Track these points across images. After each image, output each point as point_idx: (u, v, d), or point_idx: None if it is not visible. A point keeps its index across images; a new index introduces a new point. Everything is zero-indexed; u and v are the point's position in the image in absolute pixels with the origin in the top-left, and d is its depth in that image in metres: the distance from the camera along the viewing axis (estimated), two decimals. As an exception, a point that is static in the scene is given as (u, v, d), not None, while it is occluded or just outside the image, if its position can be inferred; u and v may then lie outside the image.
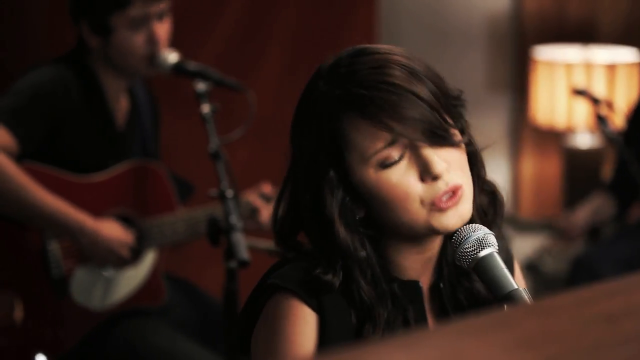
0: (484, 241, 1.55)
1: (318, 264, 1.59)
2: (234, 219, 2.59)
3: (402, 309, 1.61)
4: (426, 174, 1.55)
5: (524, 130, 4.93)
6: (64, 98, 2.93)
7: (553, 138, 4.83)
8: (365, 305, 1.58)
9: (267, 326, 1.60)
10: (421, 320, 1.64)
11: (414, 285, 1.64)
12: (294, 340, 1.56)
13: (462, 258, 1.56)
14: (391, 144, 1.55)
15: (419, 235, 1.60)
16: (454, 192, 1.56)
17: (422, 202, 1.56)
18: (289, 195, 1.65)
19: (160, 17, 2.99)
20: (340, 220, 1.58)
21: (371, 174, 1.56)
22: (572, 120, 4.55)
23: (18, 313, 2.94)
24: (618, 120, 3.98)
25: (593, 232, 4.42)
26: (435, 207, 1.55)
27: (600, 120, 3.70)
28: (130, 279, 3.07)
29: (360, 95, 1.55)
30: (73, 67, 2.98)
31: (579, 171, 4.62)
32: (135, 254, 3.02)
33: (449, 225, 1.56)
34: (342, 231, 1.57)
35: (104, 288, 3.03)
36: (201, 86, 2.85)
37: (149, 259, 3.10)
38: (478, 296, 1.67)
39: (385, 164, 1.55)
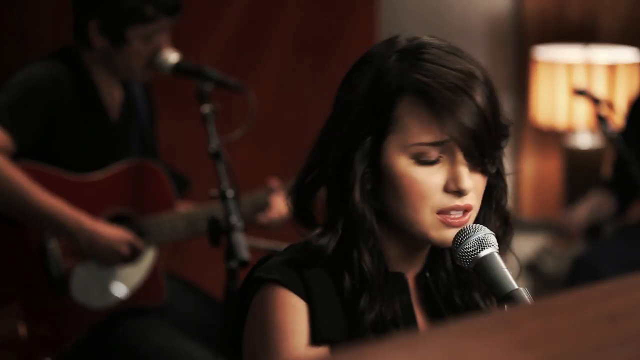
0: (485, 241, 1.55)
1: (310, 244, 1.60)
2: (235, 219, 2.59)
3: (388, 299, 1.62)
4: (453, 184, 1.56)
5: (524, 130, 4.93)
6: (56, 93, 2.92)
7: (553, 138, 4.83)
8: (363, 274, 1.58)
9: (257, 320, 1.59)
10: (408, 310, 1.65)
11: (400, 277, 1.65)
12: (286, 330, 1.56)
13: (462, 258, 1.56)
14: (437, 144, 1.56)
15: (414, 237, 1.61)
16: (464, 212, 1.58)
17: (432, 207, 1.57)
18: (319, 149, 1.64)
19: (169, 29, 3.00)
20: (359, 186, 1.58)
21: (403, 162, 1.57)
22: (573, 120, 4.55)
23: (24, 329, 2.94)
24: (618, 120, 3.98)
25: (593, 232, 4.42)
26: (442, 218, 1.57)
27: (601, 120, 3.70)
28: (131, 277, 3.07)
29: (435, 89, 1.55)
30: (66, 62, 2.97)
31: (579, 171, 4.62)
32: (134, 253, 3.02)
33: (446, 240, 1.58)
34: (357, 196, 1.58)
35: (105, 285, 3.03)
36: (202, 86, 2.85)
37: (148, 258, 3.10)
38: (464, 291, 1.68)
39: (421, 160, 1.57)
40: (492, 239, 1.56)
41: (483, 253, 1.55)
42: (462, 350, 0.90)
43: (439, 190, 1.57)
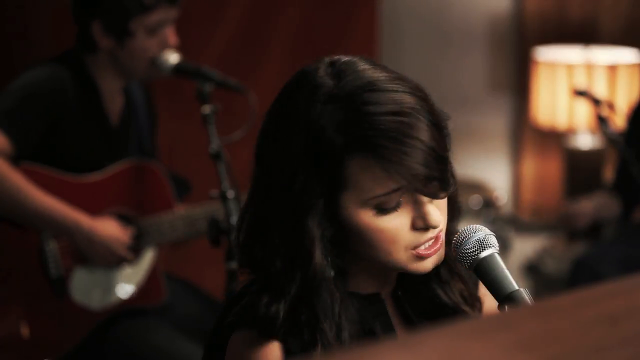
0: (485, 242, 1.55)
1: (265, 294, 1.54)
2: (235, 220, 2.59)
3: (367, 324, 1.59)
4: (421, 223, 1.53)
5: (524, 131, 4.93)
6: (59, 98, 2.93)
7: (554, 139, 4.83)
8: (324, 329, 1.53)
9: None
10: (388, 330, 1.63)
11: (376, 297, 1.63)
12: None
13: (462, 259, 1.56)
14: (393, 192, 1.51)
15: (391, 269, 1.59)
16: (436, 239, 1.56)
17: (405, 248, 1.55)
18: (256, 206, 1.58)
19: (173, 21, 3.00)
20: (319, 246, 1.52)
21: (364, 215, 1.52)
22: (573, 121, 4.55)
23: (25, 330, 2.94)
24: (619, 121, 3.98)
25: (594, 232, 4.41)
26: (416, 252, 1.55)
27: (601, 121, 3.69)
28: (130, 278, 3.07)
29: (382, 146, 1.48)
30: (68, 66, 2.98)
31: (579, 172, 4.62)
32: (133, 254, 3.02)
33: (426, 270, 1.57)
34: (318, 256, 1.52)
35: (104, 286, 3.03)
36: (202, 87, 2.85)
37: (147, 258, 3.10)
38: (443, 302, 1.67)
39: (382, 209, 1.52)
40: (493, 239, 1.56)
41: (483, 254, 1.55)
42: (462, 351, 0.90)
43: (408, 231, 1.54)
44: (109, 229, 2.95)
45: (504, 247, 4.36)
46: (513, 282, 1.53)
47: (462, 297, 1.69)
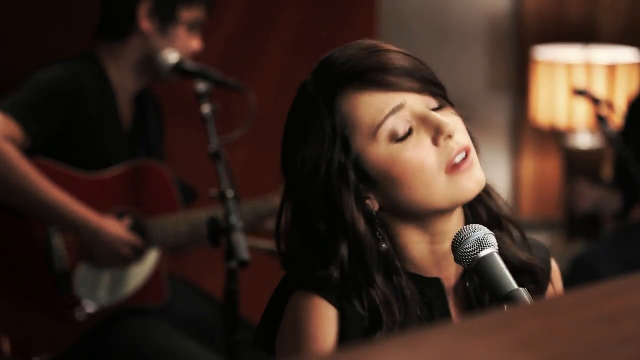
0: (484, 241, 1.55)
1: (322, 262, 1.58)
2: (234, 219, 2.59)
3: (426, 307, 1.61)
4: (438, 134, 1.55)
5: (524, 130, 4.93)
6: (78, 96, 2.94)
7: (553, 138, 4.83)
8: (375, 303, 1.57)
9: (290, 325, 1.60)
10: (444, 316, 1.63)
11: (436, 282, 1.63)
12: (316, 338, 1.56)
13: (462, 258, 1.56)
14: (394, 111, 1.54)
15: (438, 211, 1.58)
16: (466, 154, 1.57)
17: (438, 169, 1.55)
18: (290, 211, 1.62)
19: (202, 26, 3.05)
20: (359, 213, 1.56)
21: (382, 150, 1.55)
22: (573, 120, 4.55)
23: (23, 325, 2.94)
24: (618, 120, 3.98)
25: (593, 230, 4.42)
26: (451, 172, 1.55)
27: (601, 120, 3.70)
28: (133, 277, 3.07)
29: (353, 68, 1.55)
30: (87, 65, 3.00)
31: (579, 171, 4.62)
32: (137, 254, 3.02)
33: (468, 190, 1.57)
34: (359, 220, 1.56)
35: (107, 284, 3.03)
36: (201, 86, 2.85)
37: (151, 258, 3.10)
38: (515, 267, 1.66)
39: (397, 139, 1.55)
40: (492, 238, 1.56)
41: (482, 253, 1.55)
42: (462, 350, 0.90)
43: (431, 150, 1.55)
44: (115, 228, 2.95)
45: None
46: (512, 281, 1.53)
47: (532, 282, 1.68)
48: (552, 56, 4.61)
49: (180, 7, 3.01)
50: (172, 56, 3.00)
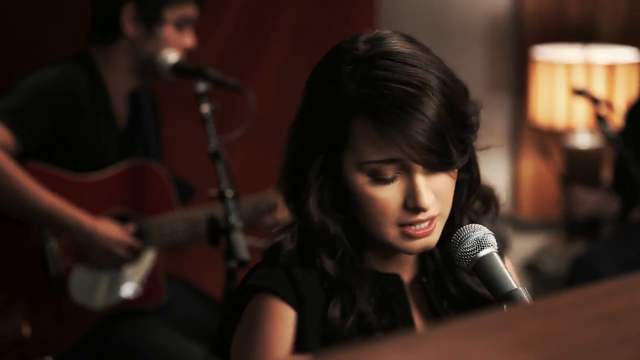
0: (484, 241, 1.55)
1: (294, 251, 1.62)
2: (234, 219, 2.59)
3: (385, 301, 1.63)
4: (411, 202, 1.56)
5: (523, 130, 4.93)
6: (70, 99, 2.93)
7: (553, 138, 4.83)
8: (332, 280, 1.60)
9: (245, 328, 1.60)
10: (405, 313, 1.65)
11: (395, 277, 1.66)
12: (272, 343, 1.57)
13: (461, 258, 1.56)
14: (389, 161, 1.54)
15: (386, 245, 1.61)
16: (429, 223, 1.58)
17: (395, 224, 1.57)
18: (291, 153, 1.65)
19: (193, 22, 3.03)
20: (315, 198, 1.59)
21: (360, 180, 1.57)
22: (572, 120, 4.55)
23: (25, 329, 2.94)
24: (617, 120, 3.98)
25: (593, 230, 4.42)
26: (405, 230, 1.57)
27: (600, 120, 3.70)
28: (129, 279, 3.07)
29: (382, 108, 1.52)
30: (79, 67, 2.98)
31: (578, 171, 4.62)
32: (133, 255, 3.02)
33: (413, 250, 1.59)
34: (312, 207, 1.59)
35: (103, 287, 3.02)
36: (201, 86, 2.85)
37: (148, 259, 3.10)
38: (466, 287, 1.69)
39: (377, 179, 1.56)
40: (491, 238, 1.56)
41: (482, 253, 1.55)
42: (461, 350, 0.90)
43: (398, 208, 1.56)
44: (110, 229, 2.95)
45: (503, 247, 4.35)
46: (512, 281, 1.53)
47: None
48: (552, 56, 4.61)
49: (164, 8, 2.99)
50: (171, 56, 3.00)
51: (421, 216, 1.56)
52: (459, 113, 1.57)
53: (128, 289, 3.07)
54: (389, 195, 1.56)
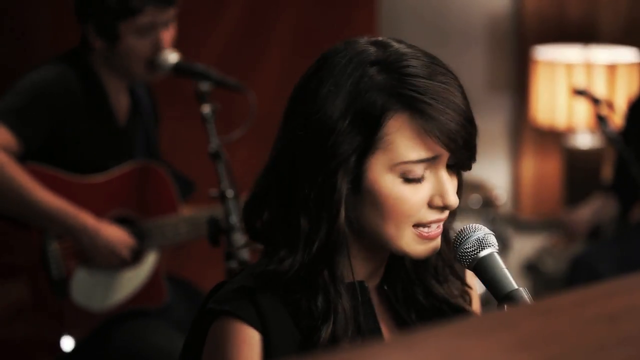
0: (484, 241, 1.55)
1: (272, 258, 1.57)
2: (234, 219, 2.59)
3: (351, 309, 1.59)
4: (439, 200, 1.55)
5: (524, 130, 4.93)
6: (66, 97, 2.93)
7: (553, 138, 4.83)
8: (330, 297, 1.56)
9: (210, 354, 1.57)
10: (370, 318, 1.63)
11: (360, 284, 1.62)
12: None
13: (462, 258, 1.56)
14: (422, 161, 1.53)
15: (386, 248, 1.59)
16: (439, 225, 1.58)
17: (414, 224, 1.56)
18: (280, 168, 1.61)
19: (167, 24, 2.99)
20: (344, 204, 1.54)
21: (389, 181, 1.54)
22: (573, 120, 4.55)
23: (22, 330, 2.94)
24: (618, 120, 3.98)
25: (593, 231, 4.41)
26: (419, 233, 1.56)
27: (601, 120, 3.70)
28: (131, 280, 3.07)
29: (429, 105, 1.52)
30: (75, 66, 2.98)
31: (579, 171, 4.62)
32: (136, 255, 3.02)
33: (418, 253, 1.58)
34: (342, 219, 1.54)
35: (105, 289, 3.02)
36: (201, 86, 2.85)
37: (150, 260, 3.10)
38: (437, 296, 1.67)
39: (407, 178, 1.54)
40: (492, 239, 1.56)
41: (483, 253, 1.55)
42: (461, 350, 0.90)
43: (422, 206, 1.55)
44: (114, 231, 2.95)
45: (504, 247, 4.36)
46: (512, 281, 1.53)
47: (455, 289, 1.69)
48: (552, 56, 4.61)
49: (119, 24, 2.93)
50: (172, 56, 2.99)
51: (443, 215, 1.57)
52: (469, 107, 1.59)
53: (129, 291, 3.07)
54: (417, 193, 1.55)
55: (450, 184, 1.56)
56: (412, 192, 1.54)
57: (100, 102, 3.02)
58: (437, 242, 1.58)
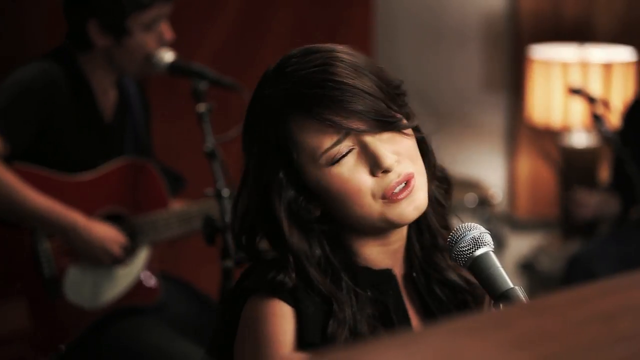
0: (480, 240, 1.55)
1: (275, 265, 1.60)
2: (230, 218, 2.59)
3: (378, 296, 1.63)
4: (376, 168, 1.56)
5: (520, 129, 4.93)
6: (51, 94, 2.92)
7: (549, 137, 4.83)
8: (328, 299, 1.59)
9: (248, 330, 1.60)
10: (399, 307, 1.66)
11: (387, 273, 1.65)
12: (276, 340, 1.56)
13: (457, 257, 1.56)
14: (339, 142, 1.56)
15: (376, 228, 1.61)
16: (407, 183, 1.57)
17: (373, 195, 1.57)
18: (244, 200, 1.66)
19: (165, 18, 3.00)
20: (289, 221, 1.60)
21: (322, 171, 1.57)
22: (568, 119, 4.55)
23: (16, 330, 2.93)
24: (614, 119, 3.98)
25: (590, 229, 4.42)
26: (388, 199, 1.57)
27: (596, 119, 3.70)
28: (124, 277, 3.07)
29: (305, 95, 1.56)
30: (59, 63, 2.96)
31: (575, 170, 4.63)
32: (128, 252, 3.02)
33: (404, 216, 1.58)
34: (292, 232, 1.59)
35: (98, 287, 3.02)
36: (197, 85, 2.85)
37: (142, 257, 3.10)
38: (452, 284, 1.70)
39: (335, 160, 1.56)
40: (488, 237, 1.56)
41: (478, 252, 1.55)
42: (457, 349, 0.90)
43: (368, 178, 1.57)
44: (104, 228, 2.94)
45: (499, 245, 4.36)
46: (508, 280, 1.53)
47: (472, 299, 1.71)
48: (548, 55, 4.61)
49: (127, 18, 2.94)
50: (167, 55, 2.99)
51: (393, 177, 1.56)
52: (384, 78, 1.60)
53: (122, 288, 3.06)
54: (353, 168, 1.56)
55: (378, 147, 1.56)
56: (347, 170, 1.57)
57: (86, 99, 3.01)
58: (417, 198, 1.58)
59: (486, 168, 4.94)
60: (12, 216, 2.88)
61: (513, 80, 4.92)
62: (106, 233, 2.94)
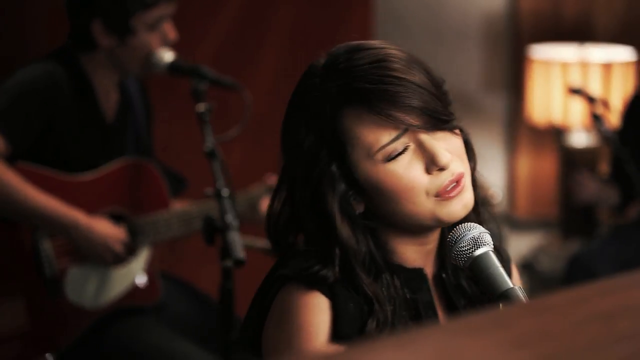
0: (479, 240, 1.55)
1: (315, 259, 1.59)
2: (230, 218, 2.59)
3: (410, 295, 1.63)
4: (433, 165, 1.57)
5: (519, 129, 4.93)
6: (54, 95, 2.92)
7: (549, 137, 4.83)
8: (369, 298, 1.59)
9: (281, 319, 1.59)
10: (429, 307, 1.66)
11: (419, 272, 1.66)
12: (310, 331, 1.56)
13: (457, 257, 1.56)
14: (397, 138, 1.56)
15: (423, 226, 1.62)
16: (457, 181, 1.58)
17: (427, 193, 1.58)
18: (284, 195, 1.66)
19: (168, 17, 3.00)
20: (342, 215, 1.59)
21: (377, 167, 1.58)
22: (568, 119, 4.55)
23: (17, 329, 2.93)
24: (614, 119, 3.98)
25: (590, 228, 4.42)
26: (440, 197, 1.58)
27: (596, 118, 3.70)
28: (125, 277, 3.07)
29: (366, 90, 1.56)
30: (61, 63, 2.96)
31: (574, 170, 4.63)
32: (130, 252, 3.02)
33: (454, 214, 1.59)
34: (343, 226, 1.59)
35: (98, 286, 3.02)
36: (197, 85, 2.85)
37: (143, 257, 3.10)
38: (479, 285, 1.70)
39: (391, 157, 1.57)
40: (487, 237, 1.56)
41: (478, 252, 1.55)
42: (457, 349, 0.90)
43: (423, 175, 1.58)
44: (106, 225, 2.95)
45: (500, 243, 4.35)
46: (508, 280, 1.53)
47: None
48: (548, 55, 4.61)
49: (131, 18, 2.94)
50: (167, 55, 2.99)
51: (447, 175, 1.57)
52: (433, 78, 1.61)
53: (123, 288, 3.06)
54: (410, 166, 1.57)
55: (434, 145, 1.57)
56: (403, 167, 1.57)
57: (88, 99, 3.01)
58: (466, 197, 1.59)
59: (486, 167, 4.93)
60: (13, 215, 2.88)
61: (513, 80, 4.92)
62: (108, 231, 2.94)
